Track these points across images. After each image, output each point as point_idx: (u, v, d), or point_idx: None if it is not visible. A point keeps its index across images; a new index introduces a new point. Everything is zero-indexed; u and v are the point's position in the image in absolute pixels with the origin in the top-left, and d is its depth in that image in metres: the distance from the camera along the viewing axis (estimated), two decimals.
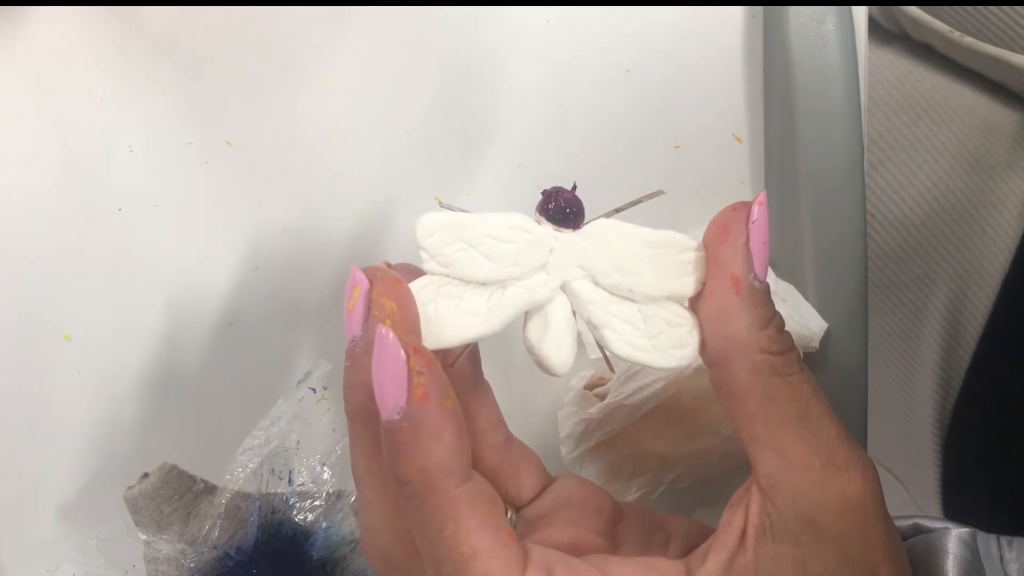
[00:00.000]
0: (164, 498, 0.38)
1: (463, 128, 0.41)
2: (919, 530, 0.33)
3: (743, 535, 0.27)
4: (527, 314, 0.28)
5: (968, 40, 0.49)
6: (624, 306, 0.28)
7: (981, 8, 0.49)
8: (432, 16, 0.40)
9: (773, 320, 0.27)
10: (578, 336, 0.29)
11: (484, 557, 0.26)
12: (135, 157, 0.39)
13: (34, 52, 0.38)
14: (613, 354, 0.29)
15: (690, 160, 0.42)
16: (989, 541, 0.32)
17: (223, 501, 0.38)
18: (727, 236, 0.28)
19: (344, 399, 0.28)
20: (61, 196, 0.39)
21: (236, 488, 0.38)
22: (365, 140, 0.40)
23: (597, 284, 0.28)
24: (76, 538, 0.40)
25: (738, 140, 0.43)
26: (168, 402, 0.41)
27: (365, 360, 0.26)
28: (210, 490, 0.39)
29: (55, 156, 0.39)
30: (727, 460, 0.40)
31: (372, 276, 0.26)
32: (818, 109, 0.40)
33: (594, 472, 0.41)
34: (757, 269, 0.27)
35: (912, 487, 0.59)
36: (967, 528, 0.32)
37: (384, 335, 0.25)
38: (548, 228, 0.28)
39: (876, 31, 0.54)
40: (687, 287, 0.28)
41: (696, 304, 0.29)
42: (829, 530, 0.27)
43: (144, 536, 0.38)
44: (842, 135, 0.40)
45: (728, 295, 0.27)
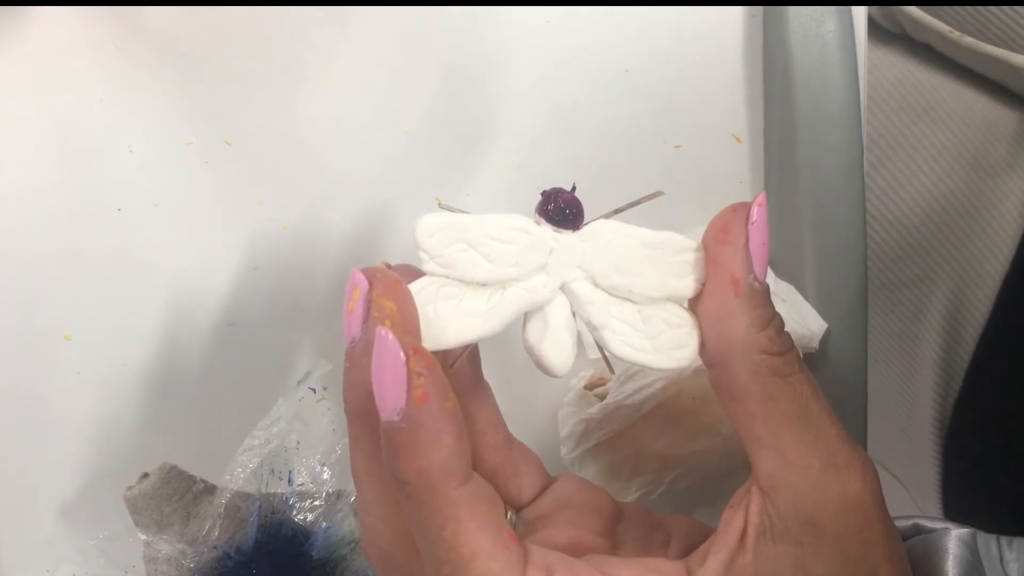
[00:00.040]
0: (164, 498, 0.38)
1: (463, 128, 0.41)
2: (919, 530, 0.33)
3: (743, 535, 0.27)
4: (527, 315, 0.28)
5: (968, 40, 0.49)
6: (624, 307, 0.28)
7: (981, 8, 0.49)
8: (432, 16, 0.40)
9: (773, 320, 0.27)
10: (578, 337, 0.29)
11: (484, 558, 0.26)
12: (135, 157, 0.39)
13: (34, 52, 0.38)
14: (613, 355, 0.29)
15: (690, 160, 0.42)
16: (989, 541, 0.32)
17: (223, 501, 0.38)
18: (727, 237, 0.28)
19: (344, 400, 0.28)
20: (61, 196, 0.39)
21: (236, 488, 0.38)
22: (365, 140, 0.40)
23: (596, 285, 0.28)
24: (76, 538, 0.40)
25: (738, 140, 0.43)
26: (168, 402, 0.41)
27: (365, 361, 0.26)
28: (210, 490, 0.39)
29: (55, 156, 0.39)
30: (727, 460, 0.40)
31: (372, 277, 0.26)
32: (818, 109, 0.40)
33: (594, 472, 0.41)
34: (757, 270, 0.27)
35: (912, 487, 0.59)
36: (967, 528, 0.32)
37: (384, 336, 0.25)
38: (547, 229, 0.28)
39: (876, 31, 0.54)
40: (687, 288, 0.28)
41: (696, 305, 0.29)
42: (829, 530, 0.27)
43: (144, 536, 0.38)
44: (842, 135, 0.40)
45: (728, 296, 0.27)
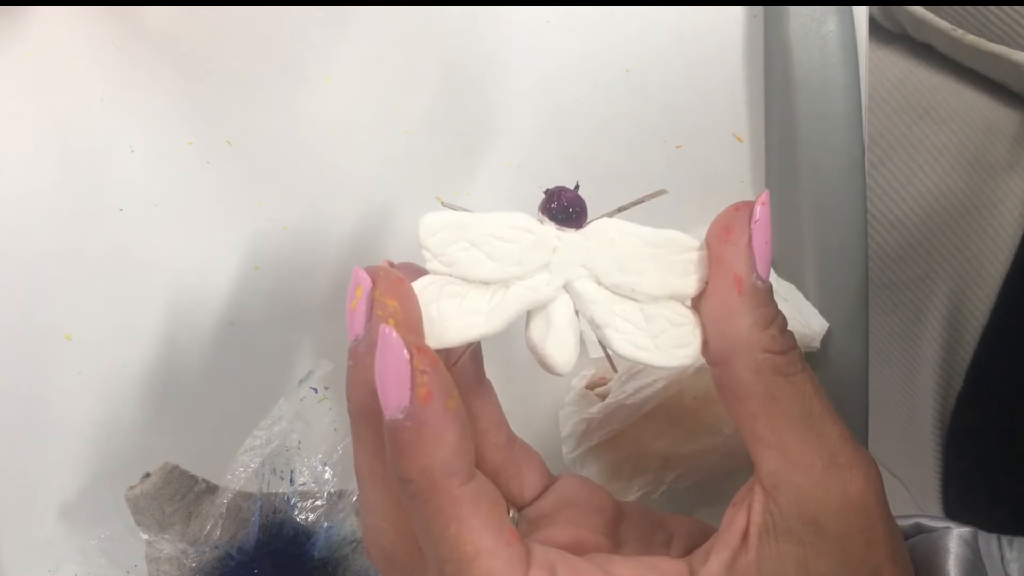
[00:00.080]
0: (166, 498, 0.37)
1: (463, 128, 0.41)
2: (920, 529, 0.33)
3: (745, 534, 0.27)
4: (529, 313, 0.28)
5: (971, 38, 0.49)
6: (626, 305, 0.28)
7: (982, 8, 0.49)
8: (432, 16, 0.40)
9: (775, 319, 0.27)
10: (580, 335, 0.29)
11: (487, 556, 0.25)
12: (135, 157, 0.39)
13: (34, 52, 0.38)
14: (615, 353, 0.29)
15: (691, 160, 0.42)
16: (990, 540, 0.32)
17: (224, 501, 0.38)
18: (730, 236, 0.28)
19: (347, 399, 0.28)
20: (61, 196, 0.39)
21: (238, 488, 0.38)
22: (365, 140, 0.40)
23: (600, 283, 0.28)
24: (77, 538, 0.40)
25: (739, 140, 0.43)
26: (169, 402, 0.41)
27: (368, 359, 0.26)
28: (212, 490, 0.39)
29: (55, 156, 0.39)
30: (729, 460, 0.40)
31: (375, 275, 0.26)
32: (819, 109, 0.40)
33: (595, 471, 0.41)
34: (760, 268, 0.27)
35: (913, 487, 0.59)
36: (968, 527, 0.32)
37: (387, 334, 0.25)
38: (551, 227, 0.28)
39: (877, 31, 0.54)
40: (689, 286, 0.28)
41: (698, 303, 0.29)
42: (831, 530, 0.27)
43: (146, 536, 0.38)
44: (843, 135, 0.40)
45: (731, 294, 0.27)
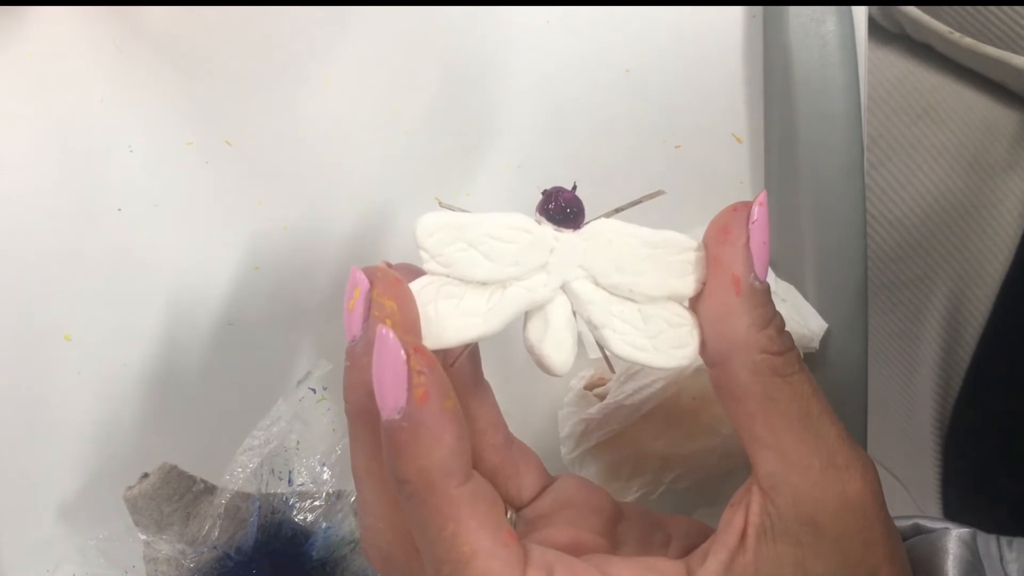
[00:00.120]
0: (164, 498, 0.37)
1: (463, 128, 0.41)
2: (919, 530, 0.33)
3: (743, 535, 0.27)
4: (527, 314, 0.28)
5: (968, 41, 0.49)
6: (624, 306, 0.28)
7: (981, 8, 0.49)
8: (432, 16, 0.40)
9: (773, 320, 0.27)
10: (578, 336, 0.29)
11: (484, 557, 0.25)
12: (135, 157, 0.39)
13: (34, 52, 0.38)
14: (613, 354, 0.29)
15: (690, 160, 0.42)
16: (989, 541, 0.32)
17: (223, 501, 0.38)
18: (727, 236, 0.28)
19: (344, 399, 0.28)
20: (61, 196, 0.39)
21: (236, 488, 0.38)
22: (365, 140, 0.40)
23: (597, 284, 0.28)
24: (76, 538, 0.40)
25: (738, 140, 0.43)
26: (168, 402, 0.41)
27: (365, 360, 0.26)
28: (210, 490, 0.39)
29: (55, 156, 0.39)
30: (727, 460, 0.40)
31: (372, 276, 0.26)
32: (818, 109, 0.40)
33: (594, 472, 0.41)
34: (757, 269, 0.27)
35: (912, 487, 0.59)
36: (967, 528, 0.32)
37: (384, 335, 0.25)
38: (548, 228, 0.28)
39: (876, 31, 0.54)
40: (687, 287, 0.28)
41: (696, 304, 0.29)
42: (829, 530, 0.27)
43: (144, 536, 0.38)
44: (842, 135, 0.40)
45: (728, 295, 0.27)
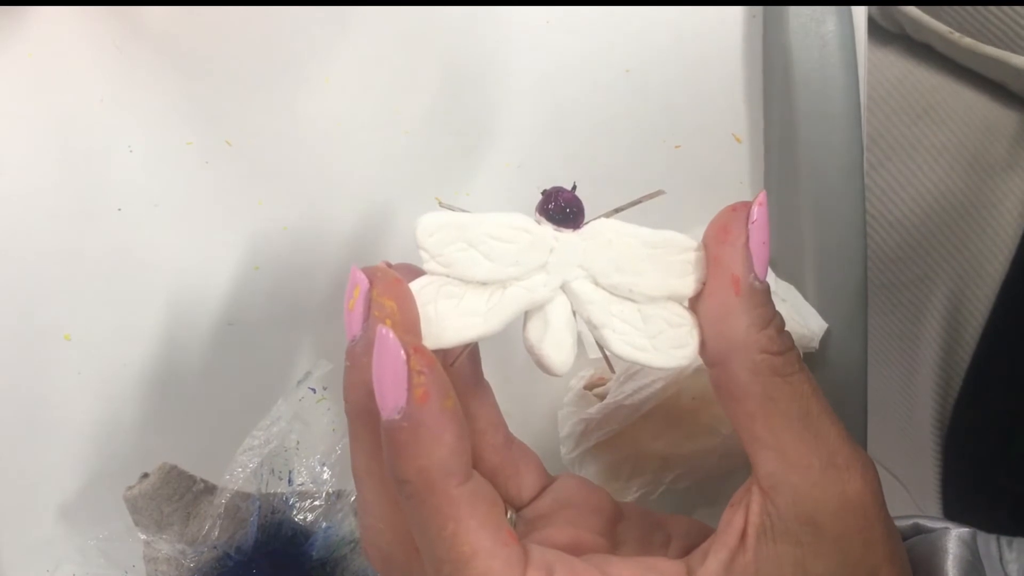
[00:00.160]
0: (164, 498, 0.37)
1: (463, 128, 0.41)
2: (919, 530, 0.33)
3: (743, 535, 0.27)
4: (527, 314, 0.28)
5: (968, 41, 0.49)
6: (624, 306, 0.28)
7: (981, 8, 0.49)
8: (432, 16, 0.40)
9: (773, 320, 0.27)
10: (578, 336, 0.29)
11: (484, 556, 0.26)
12: (135, 157, 0.39)
13: (34, 52, 0.38)
14: (613, 354, 0.29)
15: (690, 160, 0.42)
16: (989, 541, 0.32)
17: (223, 501, 0.38)
18: (727, 236, 0.28)
19: (344, 399, 0.28)
20: (61, 196, 0.39)
21: (236, 488, 0.38)
22: (365, 140, 0.40)
23: (597, 284, 0.28)
24: (76, 538, 0.40)
25: (738, 140, 0.43)
26: (168, 402, 0.41)
27: (365, 360, 0.26)
28: (210, 490, 0.39)
29: (55, 156, 0.39)
30: (727, 460, 0.40)
31: (372, 276, 0.26)
32: (818, 109, 0.40)
33: (594, 472, 0.41)
34: (757, 269, 0.27)
35: (912, 487, 0.59)
36: (967, 528, 0.32)
37: (384, 335, 0.25)
38: (548, 228, 0.28)
39: (876, 31, 0.54)
40: (687, 287, 0.28)
41: (696, 304, 0.29)
42: (829, 530, 0.27)
43: (144, 536, 0.38)
44: (842, 135, 0.40)
45: (728, 295, 0.27)
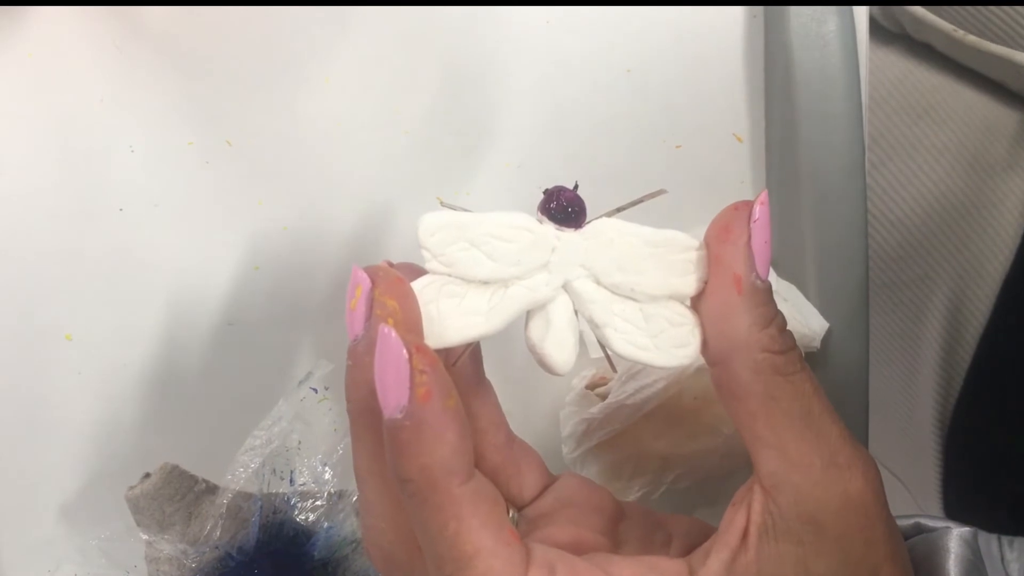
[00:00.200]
0: (166, 498, 0.37)
1: (463, 128, 0.41)
2: (920, 529, 0.33)
3: (745, 534, 0.27)
4: (529, 313, 0.28)
5: (972, 39, 0.49)
6: (626, 305, 0.28)
7: (982, 8, 0.49)
8: (432, 16, 0.40)
9: (775, 319, 0.27)
10: (580, 335, 0.29)
11: (486, 556, 0.25)
12: (135, 157, 0.39)
13: (34, 52, 0.38)
14: (615, 353, 0.29)
15: (691, 160, 0.42)
16: (990, 541, 0.32)
17: (225, 501, 0.38)
18: (729, 235, 0.28)
19: (346, 398, 0.28)
20: (61, 196, 0.39)
21: (238, 488, 0.38)
22: (365, 140, 0.40)
23: (599, 283, 0.28)
24: (76, 538, 0.40)
25: (739, 140, 0.43)
26: (169, 402, 0.41)
27: (367, 359, 0.26)
28: (212, 490, 0.39)
29: (55, 156, 0.39)
30: (728, 460, 0.40)
31: (374, 275, 0.26)
32: (819, 109, 0.40)
33: (595, 472, 0.41)
34: (759, 268, 0.27)
35: (913, 487, 0.59)
36: (968, 527, 0.32)
37: (386, 334, 0.25)
38: (550, 227, 0.28)
39: (877, 31, 0.54)
40: (689, 286, 0.28)
41: (698, 303, 0.29)
42: (831, 529, 0.27)
43: (145, 536, 0.38)
44: (843, 135, 0.40)
45: (730, 294, 0.27)
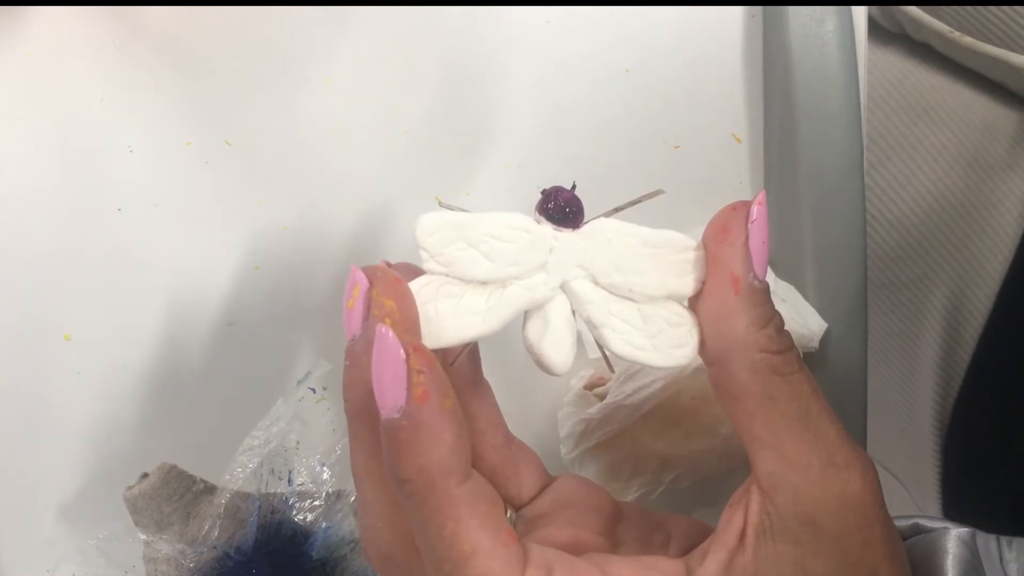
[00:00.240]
0: (164, 498, 0.37)
1: (463, 128, 0.41)
2: (919, 530, 0.33)
3: (743, 534, 0.27)
4: (526, 313, 0.28)
5: (968, 40, 0.49)
6: (624, 305, 0.28)
7: (981, 8, 0.49)
8: (432, 16, 0.40)
9: (772, 319, 0.27)
10: (578, 336, 0.29)
11: (484, 556, 0.26)
12: (135, 157, 0.39)
13: (34, 52, 0.38)
14: (613, 353, 0.29)
15: (690, 160, 0.42)
16: (989, 541, 0.32)
17: (223, 501, 0.38)
18: (726, 235, 0.28)
19: (344, 398, 0.28)
20: (61, 196, 0.39)
21: (236, 488, 0.38)
22: (365, 140, 0.40)
23: (597, 283, 0.28)
24: (76, 538, 0.40)
25: (738, 140, 0.43)
26: (168, 402, 0.41)
27: (365, 359, 0.26)
28: (210, 490, 0.39)
29: (55, 156, 0.39)
30: (726, 460, 0.40)
31: (372, 275, 0.26)
32: (818, 109, 0.40)
33: (594, 472, 0.41)
34: (756, 268, 0.27)
35: (912, 487, 0.59)
36: (967, 528, 0.32)
37: (384, 334, 0.25)
38: (548, 227, 0.28)
39: (876, 31, 0.54)
40: (687, 286, 0.28)
41: (696, 303, 0.29)
42: (829, 529, 0.27)
43: (144, 536, 0.38)
44: (842, 135, 0.40)
45: (727, 294, 0.27)
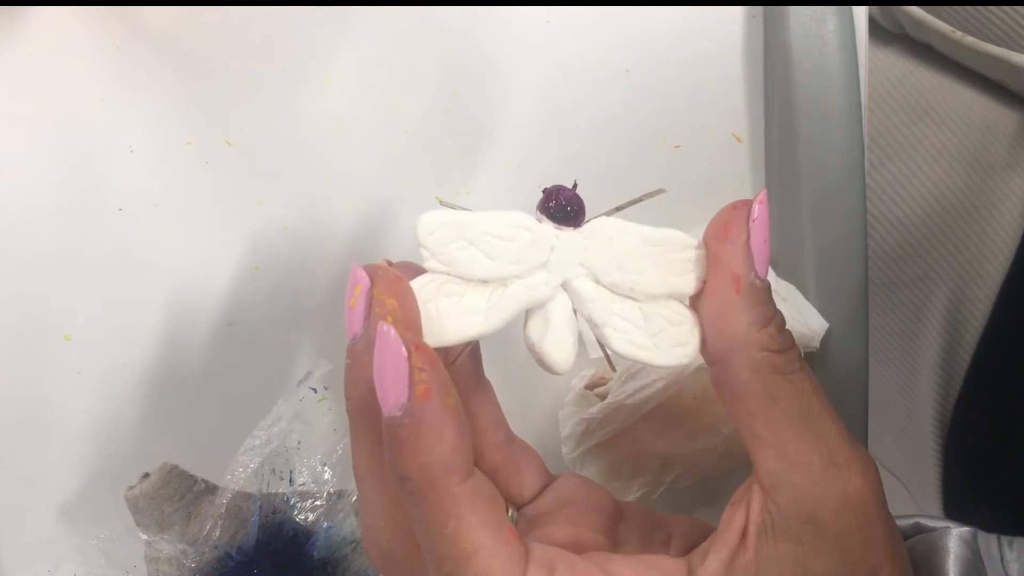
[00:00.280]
0: (165, 498, 0.37)
1: (463, 128, 0.41)
2: (920, 529, 0.33)
3: (744, 533, 0.27)
4: (528, 312, 0.28)
5: (969, 40, 0.49)
6: (625, 304, 0.28)
7: (981, 8, 0.49)
8: (432, 16, 0.40)
9: (774, 318, 0.27)
10: (579, 335, 0.29)
11: (485, 554, 0.25)
12: (135, 157, 0.39)
13: (34, 52, 0.38)
14: (614, 352, 0.29)
15: (690, 160, 0.42)
16: (990, 541, 0.32)
17: (224, 501, 0.38)
18: (728, 234, 0.28)
19: (345, 397, 0.28)
20: (61, 196, 0.39)
21: (237, 488, 0.38)
22: (365, 140, 0.40)
23: (598, 282, 0.28)
24: (76, 538, 0.40)
25: (738, 140, 0.43)
26: (168, 402, 0.41)
27: (366, 358, 0.26)
28: (211, 490, 0.39)
29: (55, 156, 0.39)
30: (728, 459, 0.40)
31: (373, 274, 0.26)
32: (818, 109, 0.40)
33: (595, 471, 0.41)
34: (758, 267, 0.27)
35: (913, 487, 0.59)
36: (968, 527, 0.32)
37: (385, 332, 0.25)
38: (549, 226, 0.28)
39: (876, 31, 0.54)
40: (688, 285, 0.28)
41: (697, 302, 0.29)
42: (830, 528, 0.27)
43: (145, 536, 0.38)
44: (842, 135, 0.40)
45: (729, 293, 0.27)
